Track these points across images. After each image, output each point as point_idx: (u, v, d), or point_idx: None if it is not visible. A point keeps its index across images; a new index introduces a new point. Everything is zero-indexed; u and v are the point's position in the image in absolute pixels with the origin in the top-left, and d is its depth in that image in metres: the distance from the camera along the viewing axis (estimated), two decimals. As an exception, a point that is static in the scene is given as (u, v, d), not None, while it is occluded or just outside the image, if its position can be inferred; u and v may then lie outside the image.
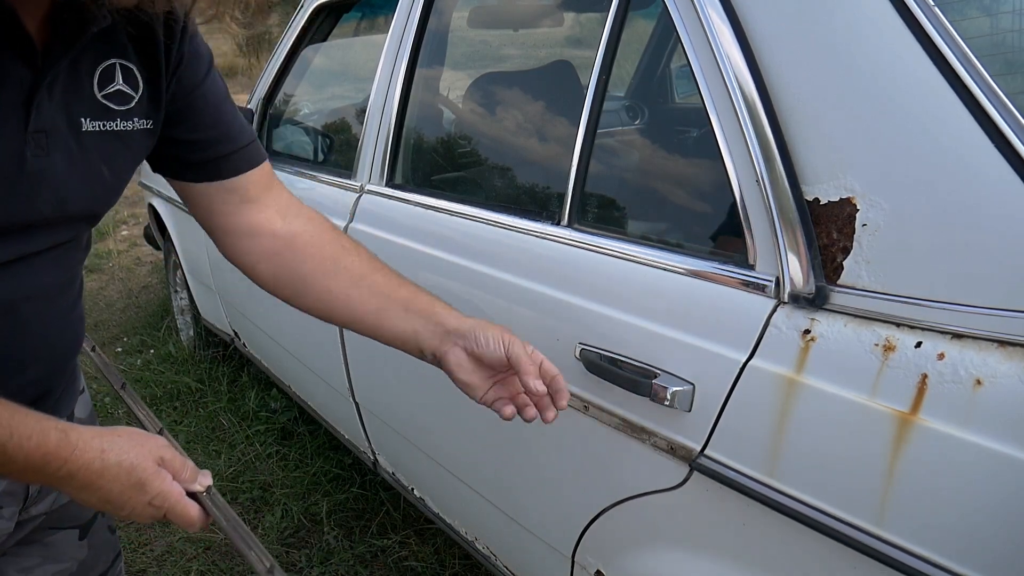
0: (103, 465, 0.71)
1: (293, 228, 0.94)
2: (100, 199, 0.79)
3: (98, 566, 1.04)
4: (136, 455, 0.73)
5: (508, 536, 1.38)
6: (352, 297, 0.92)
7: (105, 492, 0.72)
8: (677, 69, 2.14)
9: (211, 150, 0.88)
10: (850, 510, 0.78)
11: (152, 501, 0.75)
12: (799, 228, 0.84)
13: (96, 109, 0.75)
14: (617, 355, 1.01)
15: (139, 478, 0.73)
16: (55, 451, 0.69)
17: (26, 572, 0.94)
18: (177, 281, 3.14)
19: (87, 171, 0.76)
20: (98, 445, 0.71)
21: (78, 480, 0.71)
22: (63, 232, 0.78)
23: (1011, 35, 1.06)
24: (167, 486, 0.75)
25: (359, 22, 2.10)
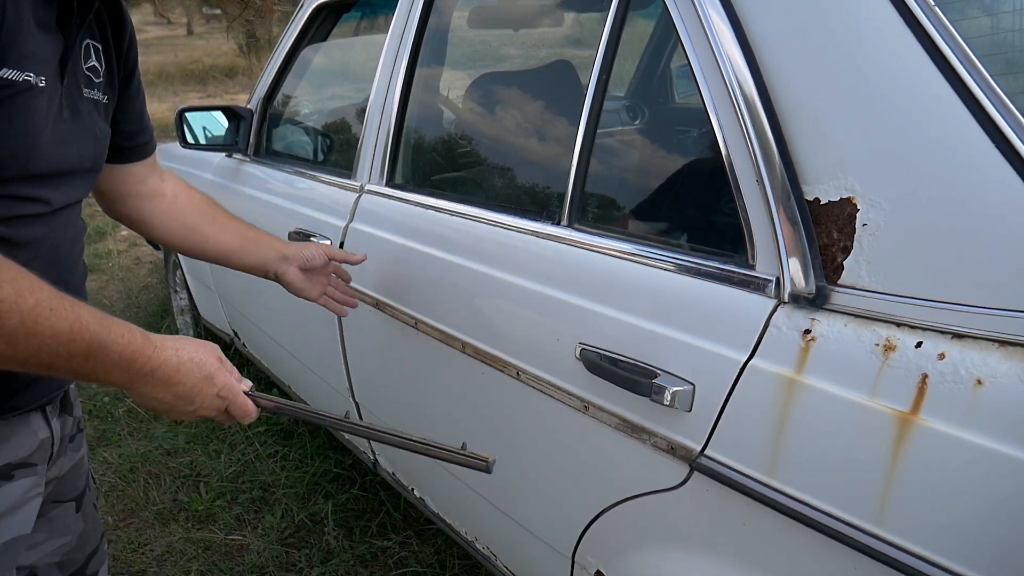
0: (179, 360, 0.83)
1: (172, 188, 1.21)
2: (99, 157, 0.95)
3: (91, 540, 1.09)
4: (203, 352, 0.87)
5: (508, 536, 1.38)
6: (222, 240, 1.25)
7: (181, 387, 0.84)
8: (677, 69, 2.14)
9: (143, 135, 1.10)
10: (850, 510, 0.78)
11: (219, 392, 0.88)
12: (799, 228, 0.84)
13: (86, 79, 0.90)
14: (617, 355, 1.01)
15: (208, 372, 0.86)
16: (141, 348, 0.79)
17: (34, 548, 1.00)
18: (177, 281, 3.14)
19: (92, 128, 0.91)
20: (172, 345, 0.84)
21: (159, 375, 0.82)
22: (83, 187, 0.92)
23: (1011, 35, 1.06)
24: (230, 380, 0.90)
25: (359, 22, 2.10)
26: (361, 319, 1.59)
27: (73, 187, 0.90)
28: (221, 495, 2.24)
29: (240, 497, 2.23)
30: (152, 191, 1.16)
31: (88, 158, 0.91)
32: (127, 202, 1.15)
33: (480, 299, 1.26)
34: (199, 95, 11.20)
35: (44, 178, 0.83)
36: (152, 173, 1.16)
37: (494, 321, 1.22)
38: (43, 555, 1.01)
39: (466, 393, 1.34)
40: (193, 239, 1.22)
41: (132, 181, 1.13)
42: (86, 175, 0.93)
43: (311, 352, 1.93)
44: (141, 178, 1.14)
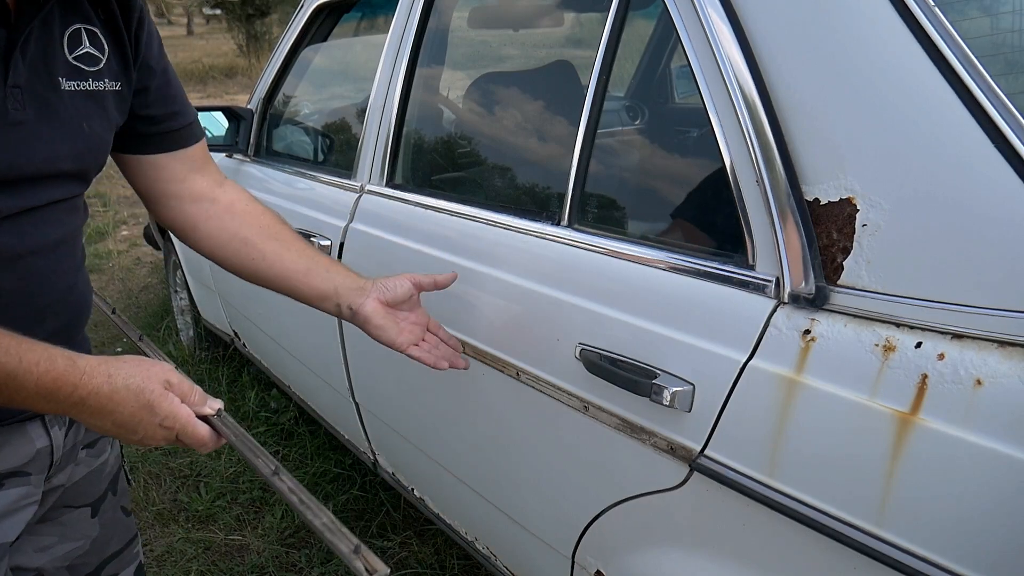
0: (111, 388, 0.74)
1: (230, 196, 1.06)
2: (85, 156, 0.85)
3: (111, 545, 1.06)
4: (142, 378, 0.76)
5: (508, 536, 1.38)
6: (285, 259, 1.05)
7: (117, 416, 0.75)
8: (677, 69, 2.14)
9: (173, 121, 0.98)
10: (850, 510, 0.78)
11: (163, 423, 0.77)
12: (799, 228, 0.84)
13: (70, 70, 0.83)
14: (617, 355, 1.01)
15: (147, 400, 0.76)
16: (64, 376, 0.71)
17: (43, 551, 0.97)
18: (177, 281, 3.14)
19: (70, 127, 0.82)
20: (104, 370, 0.74)
21: (89, 405, 0.73)
22: (59, 189, 0.84)
23: (1011, 35, 1.06)
24: (175, 407, 0.78)
25: (359, 22, 2.10)
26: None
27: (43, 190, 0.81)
28: (221, 495, 2.24)
29: (240, 497, 2.23)
30: (197, 193, 1.03)
31: (68, 157, 0.82)
32: (168, 204, 1.03)
33: (480, 299, 1.26)
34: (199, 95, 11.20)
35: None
36: (196, 173, 1.03)
37: (494, 321, 1.22)
38: (52, 558, 0.99)
39: (466, 393, 1.33)
40: (247, 254, 1.05)
41: (167, 179, 1.01)
42: (67, 177, 0.85)
43: (311, 352, 1.93)
44: (180, 176, 1.01)
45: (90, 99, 0.85)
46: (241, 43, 14.09)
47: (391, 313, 1.07)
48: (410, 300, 1.08)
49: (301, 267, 1.05)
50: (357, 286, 1.06)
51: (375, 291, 1.05)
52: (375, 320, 1.05)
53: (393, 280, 1.06)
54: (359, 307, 1.05)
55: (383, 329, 1.06)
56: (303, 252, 1.06)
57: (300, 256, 1.06)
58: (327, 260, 1.08)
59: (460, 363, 1.12)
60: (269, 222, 1.07)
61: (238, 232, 1.05)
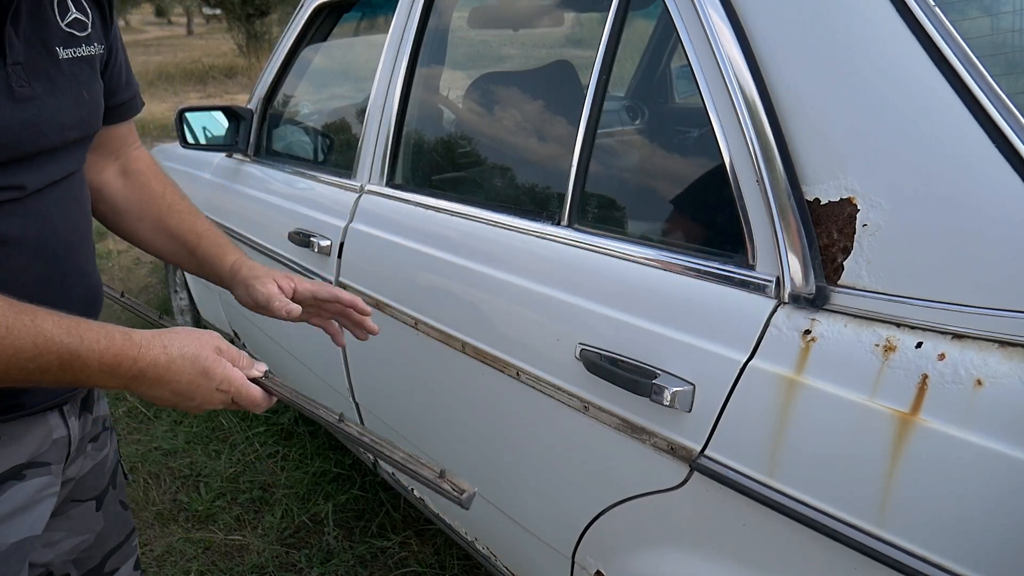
0: (168, 358, 0.77)
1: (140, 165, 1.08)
2: (88, 121, 0.88)
3: (111, 539, 1.07)
4: (196, 346, 0.79)
5: (508, 536, 1.38)
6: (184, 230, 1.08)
7: (175, 384, 0.78)
8: (677, 69, 2.14)
9: (122, 93, 1.00)
10: (850, 510, 0.77)
11: (219, 387, 0.81)
12: (799, 228, 0.83)
13: (65, 37, 0.83)
14: (617, 355, 1.01)
15: (203, 366, 0.79)
16: (123, 351, 0.74)
17: (51, 546, 0.99)
18: (177, 281, 3.14)
19: (73, 95, 0.83)
20: (160, 342, 0.77)
21: (149, 376, 0.76)
22: (70, 159, 0.86)
23: (1011, 35, 1.06)
24: (230, 371, 0.82)
25: (359, 22, 2.10)
26: (361, 319, 1.59)
27: (57, 163, 0.83)
28: (221, 495, 2.24)
29: (240, 497, 2.23)
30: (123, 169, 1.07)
31: (74, 126, 0.84)
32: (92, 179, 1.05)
33: (480, 299, 1.26)
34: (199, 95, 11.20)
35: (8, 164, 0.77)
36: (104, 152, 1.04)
37: (494, 321, 1.22)
38: (59, 553, 1.00)
39: (466, 393, 1.33)
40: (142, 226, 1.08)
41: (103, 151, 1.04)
42: (74, 146, 0.86)
43: (311, 352, 1.93)
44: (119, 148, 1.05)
45: (85, 64, 0.86)
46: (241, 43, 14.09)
47: None
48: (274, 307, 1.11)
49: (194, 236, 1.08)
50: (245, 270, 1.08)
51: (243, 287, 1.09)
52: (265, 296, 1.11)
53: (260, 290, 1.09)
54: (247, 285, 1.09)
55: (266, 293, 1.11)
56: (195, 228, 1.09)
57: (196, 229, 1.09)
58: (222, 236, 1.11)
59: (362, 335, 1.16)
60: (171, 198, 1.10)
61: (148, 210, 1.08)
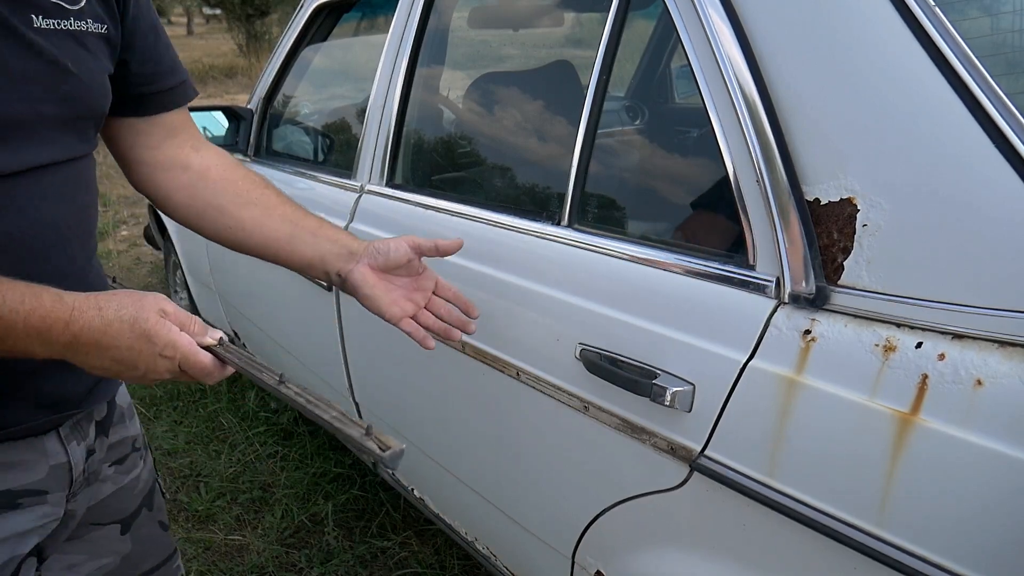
0: (104, 321, 0.69)
1: (206, 161, 0.99)
2: (72, 98, 0.78)
3: (145, 562, 1.03)
4: (135, 308, 0.71)
5: (508, 536, 1.38)
6: (265, 225, 0.97)
7: (114, 351, 0.71)
8: (677, 69, 2.14)
9: (160, 82, 0.92)
10: (850, 510, 0.78)
11: (163, 352, 0.72)
12: (799, 228, 0.83)
13: (48, 7, 0.75)
14: (617, 355, 1.01)
15: (143, 329, 0.71)
16: (52, 312, 0.67)
17: (71, 569, 0.95)
18: (177, 281, 3.13)
19: (50, 66, 0.75)
20: (94, 303, 0.70)
21: (83, 342, 0.69)
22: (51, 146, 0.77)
23: (1011, 35, 1.06)
24: (174, 335, 0.73)
25: (359, 22, 2.10)
26: (361, 319, 1.59)
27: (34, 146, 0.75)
28: (221, 495, 2.24)
29: (240, 497, 2.23)
30: (171, 160, 0.97)
31: (47, 100, 0.75)
32: (139, 171, 0.97)
33: (480, 299, 1.26)
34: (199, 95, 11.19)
35: None
36: (173, 139, 0.96)
37: (494, 321, 1.22)
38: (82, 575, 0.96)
39: (466, 393, 1.33)
40: (224, 223, 0.97)
41: (141, 144, 0.94)
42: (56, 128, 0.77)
43: (311, 352, 1.93)
44: (154, 142, 0.95)
45: (71, 38, 0.78)
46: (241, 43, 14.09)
47: (384, 280, 0.97)
48: (408, 265, 0.98)
49: (284, 234, 0.97)
50: (346, 251, 0.97)
51: (366, 256, 0.96)
52: (363, 289, 0.96)
53: (388, 242, 0.96)
54: (347, 274, 0.97)
55: (372, 299, 0.97)
56: (287, 217, 0.98)
57: (283, 222, 0.98)
58: (315, 224, 0.99)
59: (455, 335, 1.01)
60: (248, 187, 0.99)
61: (213, 200, 0.97)
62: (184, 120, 0.98)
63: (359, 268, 0.97)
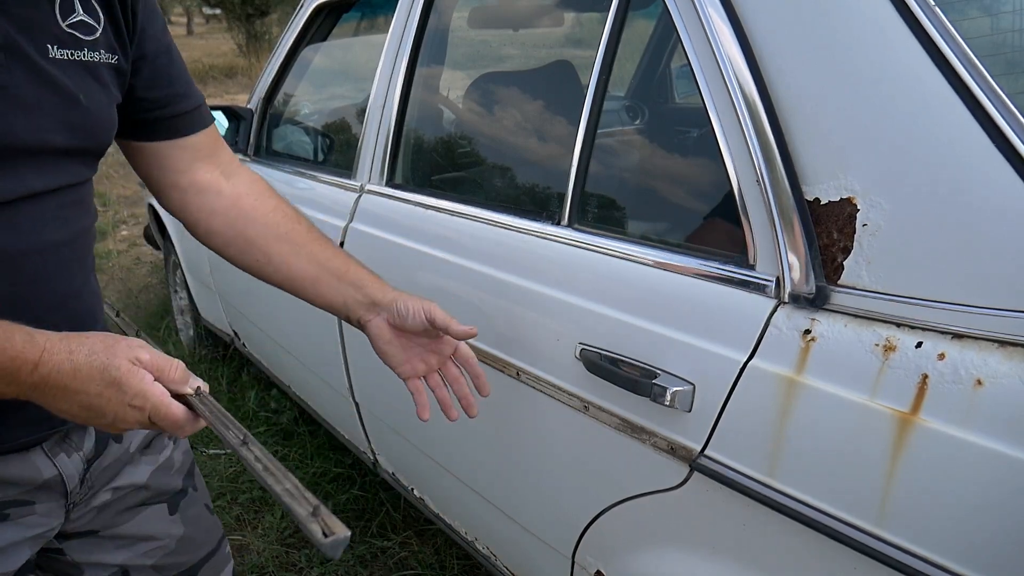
0: (73, 366, 0.67)
1: (238, 189, 0.99)
2: (80, 130, 0.79)
3: (203, 546, 1.04)
4: (107, 354, 0.69)
5: (508, 536, 1.38)
6: (291, 264, 0.98)
7: (83, 396, 0.68)
8: (677, 69, 2.14)
9: (172, 107, 0.91)
10: (850, 510, 0.77)
11: (132, 402, 0.70)
12: (799, 228, 0.83)
13: (63, 38, 0.76)
14: (617, 355, 1.01)
15: (113, 376, 0.69)
16: (22, 353, 0.65)
17: (125, 548, 0.96)
18: (177, 281, 3.14)
19: (62, 97, 0.76)
20: (65, 347, 0.68)
21: (52, 384, 0.67)
22: (57, 172, 0.78)
23: (1011, 35, 1.06)
24: (146, 385, 0.70)
25: (359, 22, 2.10)
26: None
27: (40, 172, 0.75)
28: (221, 495, 2.24)
29: (240, 497, 2.23)
30: (201, 185, 0.96)
31: (57, 130, 0.76)
32: (169, 195, 0.97)
33: (480, 299, 1.26)
34: (199, 95, 11.18)
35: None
36: (203, 161, 0.96)
37: (494, 321, 1.22)
38: (135, 555, 0.97)
39: (466, 393, 1.33)
40: (252, 255, 0.98)
41: (170, 167, 0.95)
42: (62, 156, 0.78)
43: (311, 352, 1.93)
44: (183, 165, 0.95)
45: (84, 70, 0.79)
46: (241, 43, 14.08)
47: (401, 337, 0.99)
48: (426, 332, 0.98)
49: (310, 275, 0.98)
50: (369, 301, 0.98)
51: (387, 312, 0.97)
52: (379, 343, 0.99)
53: (410, 305, 0.96)
54: (367, 323, 0.99)
55: (386, 354, 1.00)
56: (314, 257, 0.98)
57: (310, 262, 0.98)
58: (341, 266, 0.99)
59: (453, 414, 1.03)
60: (279, 220, 0.99)
61: (243, 231, 0.97)
62: (212, 144, 0.98)
63: (378, 321, 0.98)
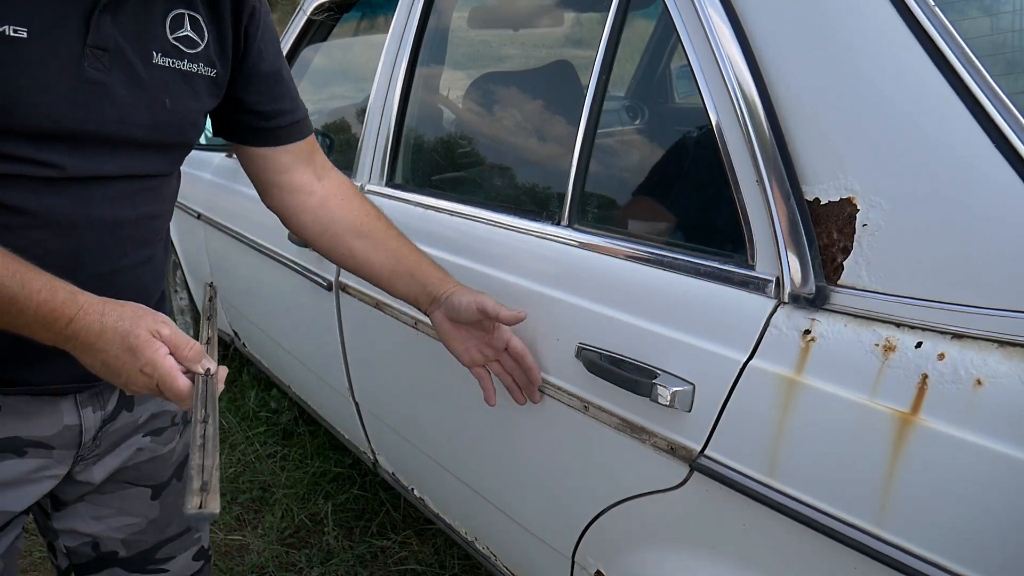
0: (101, 327, 0.75)
1: (327, 189, 1.11)
2: (162, 129, 0.89)
3: (170, 527, 1.11)
4: (132, 323, 0.77)
5: (508, 536, 1.38)
6: (371, 259, 1.10)
7: (103, 355, 0.76)
8: (677, 69, 2.14)
9: (278, 119, 1.04)
10: (850, 510, 0.77)
11: (143, 368, 0.77)
12: (799, 228, 0.83)
13: (168, 48, 0.87)
14: (617, 355, 1.01)
15: (131, 343, 0.76)
16: (61, 308, 0.74)
17: (100, 520, 1.04)
18: (177, 281, 3.14)
19: (151, 98, 0.86)
20: (100, 308, 0.76)
21: (80, 340, 0.75)
22: (134, 160, 0.87)
23: (1011, 35, 1.06)
24: (159, 357, 0.77)
25: (359, 22, 2.10)
26: (361, 319, 1.59)
27: (117, 158, 0.85)
28: (221, 495, 2.23)
29: (240, 497, 2.23)
30: (296, 185, 1.09)
31: (140, 126, 0.86)
32: (270, 192, 1.10)
33: (480, 299, 1.26)
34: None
35: (52, 140, 0.79)
36: (300, 165, 1.08)
37: (494, 321, 1.22)
38: (108, 528, 1.04)
39: (466, 393, 1.33)
40: (337, 249, 1.11)
41: (271, 169, 1.07)
42: (142, 148, 0.88)
43: (311, 352, 1.93)
44: (283, 168, 1.07)
45: (180, 77, 0.89)
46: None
47: (458, 329, 1.09)
48: (479, 324, 1.07)
49: (387, 269, 1.10)
50: (432, 296, 1.08)
51: (444, 306, 1.07)
52: (441, 333, 1.10)
53: (463, 298, 1.05)
54: (431, 315, 1.10)
55: (448, 343, 1.10)
56: (392, 252, 1.10)
57: (387, 257, 1.09)
58: (415, 262, 1.10)
59: (519, 398, 1.12)
60: (361, 219, 1.10)
61: (329, 227, 1.10)
62: (310, 150, 1.10)
63: (439, 314, 1.09)
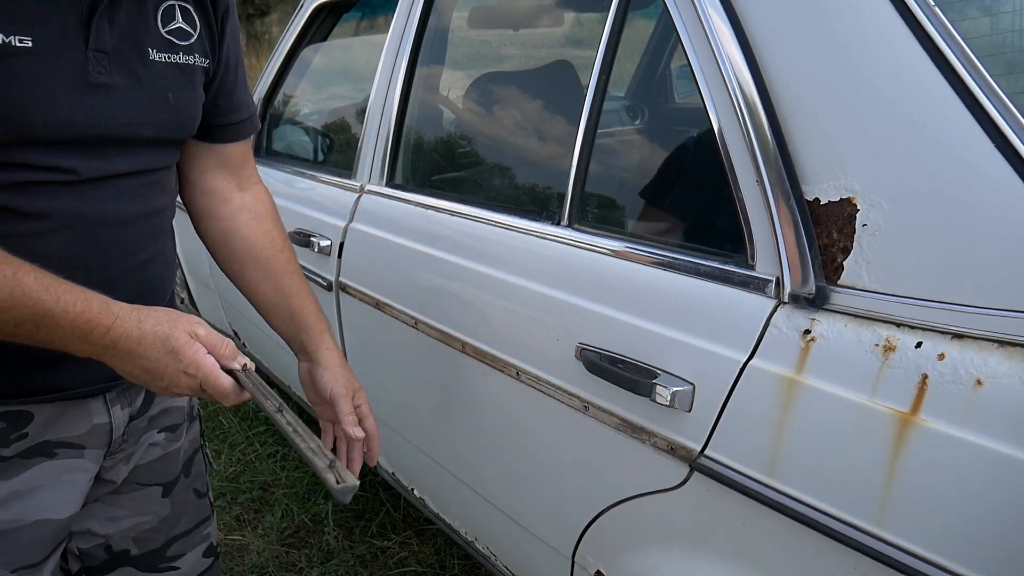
0: (140, 333, 0.77)
1: (243, 203, 1.07)
2: (167, 125, 0.89)
3: (180, 524, 1.11)
4: (170, 327, 0.79)
5: (508, 536, 1.38)
6: (258, 288, 1.08)
7: (144, 360, 0.78)
8: (677, 69, 2.14)
9: (227, 116, 1.01)
10: (850, 510, 0.77)
11: (186, 370, 0.80)
12: (799, 228, 0.83)
13: (162, 43, 0.87)
14: (617, 355, 1.01)
15: (172, 346, 0.79)
16: (98, 318, 0.75)
17: (114, 521, 1.04)
18: (177, 281, 3.13)
19: (154, 95, 0.86)
20: (136, 316, 0.78)
21: (120, 348, 0.77)
22: (143, 157, 0.88)
23: (1011, 35, 1.06)
24: (200, 356, 0.80)
25: (359, 22, 2.10)
26: (361, 319, 1.59)
27: (127, 156, 0.85)
28: (221, 495, 2.24)
29: (240, 497, 2.23)
30: (212, 189, 1.05)
31: (148, 124, 0.86)
32: (186, 187, 1.05)
33: (480, 299, 1.26)
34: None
35: (65, 145, 0.79)
36: (224, 171, 1.05)
37: (494, 321, 1.22)
38: (120, 529, 1.04)
39: (466, 393, 1.33)
40: (229, 265, 1.08)
41: (195, 167, 1.03)
42: (149, 145, 0.88)
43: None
44: (205, 167, 1.03)
45: (178, 71, 0.89)
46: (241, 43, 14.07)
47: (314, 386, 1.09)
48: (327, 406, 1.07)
49: (269, 303, 1.08)
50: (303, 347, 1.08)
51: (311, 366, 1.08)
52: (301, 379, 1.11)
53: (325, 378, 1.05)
54: (299, 362, 1.11)
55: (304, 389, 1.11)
56: (279, 289, 1.07)
57: (273, 292, 1.07)
58: (298, 306, 1.07)
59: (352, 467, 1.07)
60: (263, 244, 1.07)
61: (228, 242, 1.07)
62: (240, 156, 1.06)
63: (304, 366, 1.10)
